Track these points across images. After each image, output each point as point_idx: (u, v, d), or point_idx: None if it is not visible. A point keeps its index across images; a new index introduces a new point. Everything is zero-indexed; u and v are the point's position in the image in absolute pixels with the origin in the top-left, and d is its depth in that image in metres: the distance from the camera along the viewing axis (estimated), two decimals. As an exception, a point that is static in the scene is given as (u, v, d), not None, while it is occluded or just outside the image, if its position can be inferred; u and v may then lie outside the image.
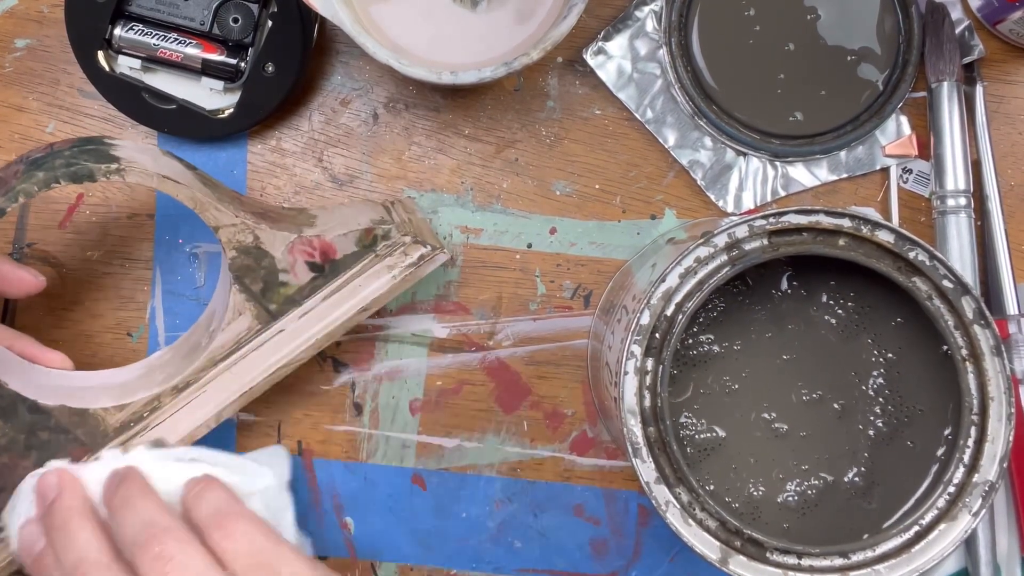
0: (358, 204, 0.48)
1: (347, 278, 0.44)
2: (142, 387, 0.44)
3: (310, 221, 0.45)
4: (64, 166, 0.39)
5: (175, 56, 0.47)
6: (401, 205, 0.48)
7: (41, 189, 0.39)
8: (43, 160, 0.40)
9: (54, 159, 0.40)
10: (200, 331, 0.46)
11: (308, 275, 0.44)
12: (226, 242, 0.42)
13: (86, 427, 0.43)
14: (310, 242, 0.43)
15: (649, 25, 0.50)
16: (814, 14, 0.49)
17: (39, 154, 0.41)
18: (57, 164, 0.39)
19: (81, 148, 0.40)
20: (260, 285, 0.43)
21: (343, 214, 0.46)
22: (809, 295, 0.43)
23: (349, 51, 0.51)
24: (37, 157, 0.40)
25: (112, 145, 0.41)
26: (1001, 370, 0.38)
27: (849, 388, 0.42)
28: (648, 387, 0.38)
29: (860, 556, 0.37)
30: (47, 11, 0.50)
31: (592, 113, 0.50)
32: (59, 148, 0.41)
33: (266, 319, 0.43)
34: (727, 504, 0.41)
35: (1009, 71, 0.50)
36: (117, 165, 0.40)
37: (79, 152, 0.40)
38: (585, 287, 0.50)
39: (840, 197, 0.50)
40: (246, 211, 0.43)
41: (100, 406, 0.43)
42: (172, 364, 0.45)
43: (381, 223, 0.44)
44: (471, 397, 0.50)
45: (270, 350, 0.44)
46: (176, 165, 0.42)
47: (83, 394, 0.44)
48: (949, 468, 0.38)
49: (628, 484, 0.50)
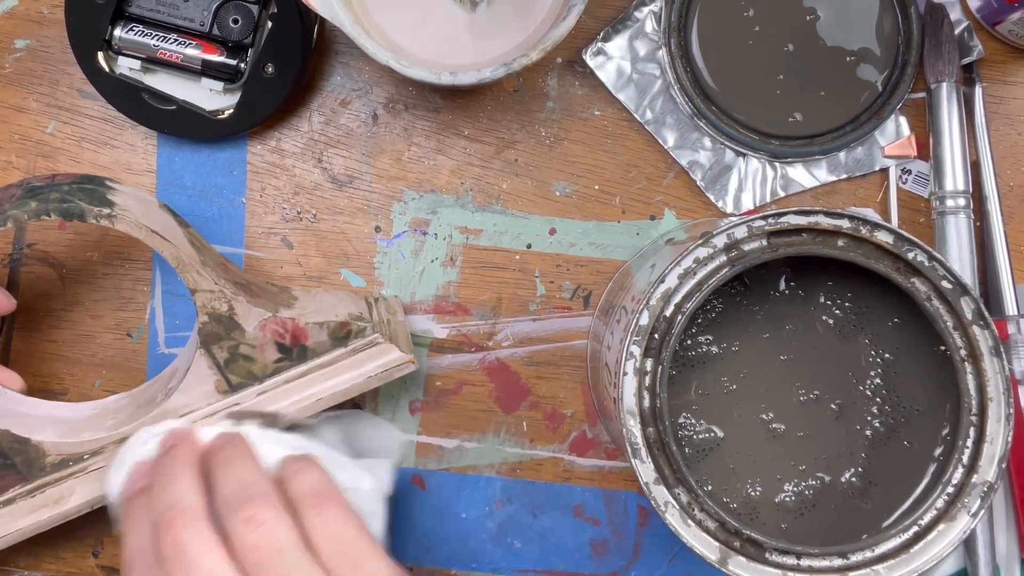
0: (342, 293, 0.47)
1: (312, 367, 0.44)
2: (89, 428, 0.44)
3: (289, 302, 0.45)
4: (58, 200, 0.40)
5: (175, 57, 0.47)
6: (385, 304, 0.48)
7: (30, 219, 0.39)
8: (40, 190, 0.40)
9: (51, 191, 0.40)
10: (160, 385, 0.45)
11: (275, 355, 0.43)
12: (200, 306, 0.42)
13: (25, 456, 0.42)
14: (284, 323, 0.43)
15: (648, 26, 0.50)
16: (813, 15, 0.49)
17: (40, 183, 0.41)
18: (52, 197, 0.40)
19: (80, 186, 0.41)
20: (226, 355, 0.43)
21: (323, 301, 0.46)
22: (807, 296, 0.43)
23: (349, 52, 0.51)
24: (36, 186, 0.40)
25: (111, 189, 0.41)
26: (1000, 371, 0.38)
27: (847, 388, 0.42)
28: (647, 388, 0.38)
29: (859, 556, 0.37)
30: (47, 12, 0.50)
31: (591, 114, 0.51)
32: (60, 181, 0.41)
33: (225, 389, 0.43)
34: (725, 504, 0.41)
35: (1008, 72, 0.50)
36: (109, 211, 0.40)
37: (77, 189, 0.40)
38: (584, 288, 0.50)
39: (839, 198, 0.51)
40: (228, 280, 0.42)
41: (44, 438, 0.43)
42: (125, 412, 0.45)
43: (359, 319, 0.44)
44: (471, 397, 0.50)
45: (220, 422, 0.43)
46: (169, 220, 0.42)
47: (30, 422, 0.43)
48: (948, 468, 0.38)
49: (627, 485, 0.50)
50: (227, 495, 0.36)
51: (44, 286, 0.50)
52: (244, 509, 0.34)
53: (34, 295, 0.50)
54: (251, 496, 0.35)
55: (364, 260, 0.50)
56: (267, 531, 0.34)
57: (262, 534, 0.34)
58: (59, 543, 0.51)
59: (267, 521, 0.34)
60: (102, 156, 0.51)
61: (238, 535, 0.34)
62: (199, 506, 0.35)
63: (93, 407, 0.46)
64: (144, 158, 0.51)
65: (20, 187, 0.41)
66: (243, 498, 0.35)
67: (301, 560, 0.34)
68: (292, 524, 0.35)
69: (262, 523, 0.34)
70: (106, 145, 0.51)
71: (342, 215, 0.50)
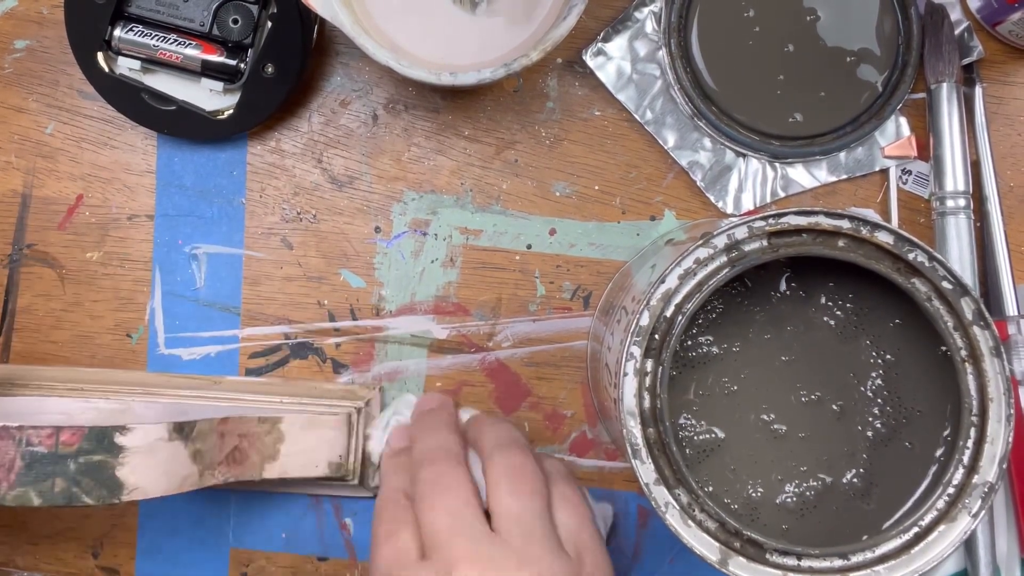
0: (328, 426, 0.47)
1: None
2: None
3: (275, 450, 0.45)
4: (64, 489, 0.38)
5: (175, 57, 0.47)
6: (367, 412, 0.48)
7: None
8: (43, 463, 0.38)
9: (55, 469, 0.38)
10: None
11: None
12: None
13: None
14: (268, 481, 0.45)
15: (648, 26, 0.50)
16: (813, 15, 0.49)
17: (41, 449, 0.38)
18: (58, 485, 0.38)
19: (88, 459, 0.38)
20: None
21: (307, 441, 0.46)
22: (808, 296, 0.43)
23: (349, 52, 0.51)
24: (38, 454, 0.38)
25: (120, 462, 0.39)
26: (1000, 371, 0.37)
27: (848, 389, 0.42)
28: (647, 388, 0.38)
29: (860, 557, 0.37)
30: (47, 12, 0.50)
31: (591, 114, 0.51)
32: (65, 449, 0.38)
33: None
34: (726, 505, 0.41)
35: (1008, 72, 0.50)
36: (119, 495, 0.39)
37: (85, 468, 0.38)
38: (584, 288, 0.50)
39: (839, 198, 0.50)
40: (222, 465, 0.42)
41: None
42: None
43: (339, 467, 0.46)
44: (471, 398, 0.50)
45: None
46: (177, 454, 0.41)
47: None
48: (948, 469, 0.38)
49: (627, 485, 0.50)
50: (491, 450, 0.39)
51: (43, 287, 0.50)
52: (509, 470, 0.38)
53: (33, 296, 0.50)
54: (515, 464, 0.38)
55: (364, 261, 0.50)
56: (526, 501, 0.37)
57: (518, 499, 0.37)
58: (58, 544, 0.51)
59: (527, 493, 0.37)
60: (102, 156, 0.51)
61: (497, 487, 0.38)
62: (461, 453, 0.39)
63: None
64: (144, 158, 0.51)
65: (15, 448, 0.38)
66: (507, 463, 0.38)
67: (547, 529, 0.37)
68: (547, 502, 0.38)
69: (523, 494, 0.37)
70: (106, 145, 0.51)
71: (342, 215, 0.50)
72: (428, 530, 0.37)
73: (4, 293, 0.50)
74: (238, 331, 0.50)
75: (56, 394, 0.48)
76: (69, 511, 0.50)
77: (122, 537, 0.51)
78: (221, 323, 0.50)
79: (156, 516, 0.50)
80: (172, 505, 0.50)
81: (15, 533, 0.51)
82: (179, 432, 0.40)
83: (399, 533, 0.37)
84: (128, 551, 0.51)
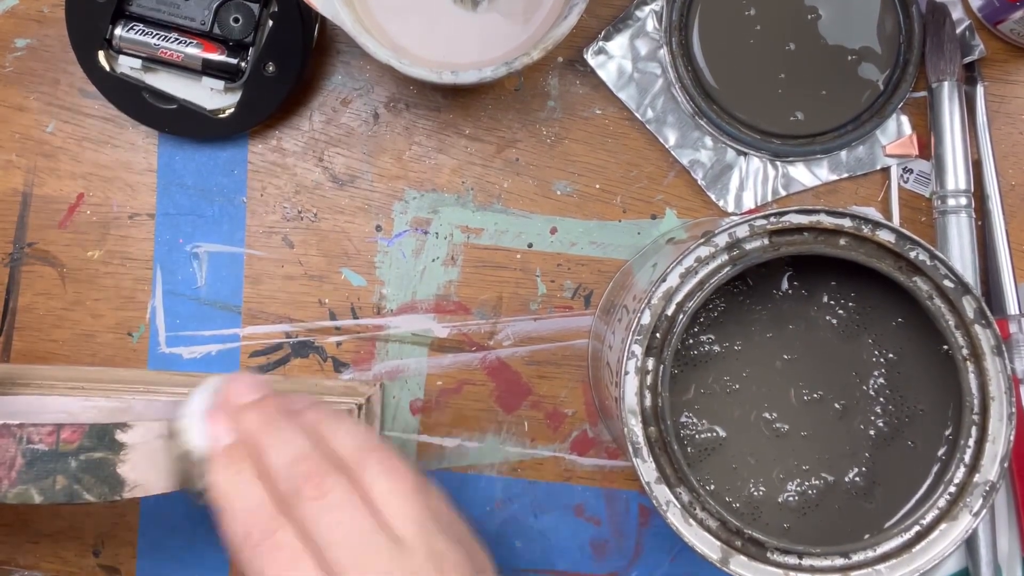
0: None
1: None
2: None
3: None
4: (66, 486, 0.38)
5: (176, 56, 0.47)
6: (368, 408, 0.48)
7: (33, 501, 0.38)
8: (44, 460, 0.38)
9: (56, 466, 0.38)
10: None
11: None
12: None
13: None
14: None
15: (650, 25, 0.50)
16: (815, 14, 0.49)
17: (41, 447, 0.38)
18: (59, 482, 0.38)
19: (89, 456, 0.38)
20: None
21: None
22: (810, 295, 0.42)
23: (350, 51, 0.51)
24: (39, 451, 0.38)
25: (121, 458, 0.38)
26: (1002, 370, 0.37)
27: (850, 388, 0.42)
28: (649, 387, 0.38)
29: (861, 556, 0.37)
30: (48, 11, 0.50)
31: (593, 113, 0.50)
32: (65, 447, 0.38)
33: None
34: (727, 504, 0.41)
35: (1010, 71, 0.50)
36: (120, 493, 0.38)
37: (85, 465, 0.38)
38: (586, 287, 0.50)
39: (841, 197, 0.50)
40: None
41: None
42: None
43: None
44: (472, 397, 0.50)
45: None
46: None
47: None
48: (950, 468, 0.38)
49: (629, 484, 0.50)
50: (359, 456, 0.36)
51: (44, 286, 0.50)
52: (389, 474, 0.35)
53: (34, 295, 0.50)
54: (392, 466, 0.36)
55: (365, 259, 0.50)
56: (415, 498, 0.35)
57: (408, 500, 0.35)
58: (59, 543, 0.51)
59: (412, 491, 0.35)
60: (103, 155, 0.51)
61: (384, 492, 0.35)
62: (328, 457, 0.35)
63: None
64: (145, 157, 0.51)
65: (16, 445, 0.38)
66: (384, 467, 0.35)
67: (436, 521, 0.35)
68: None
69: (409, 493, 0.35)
70: (107, 144, 0.51)
71: (343, 214, 0.50)
72: (335, 557, 0.33)
73: (5, 292, 0.50)
74: (239, 330, 0.50)
75: (57, 393, 0.48)
76: (70, 510, 0.50)
77: (123, 536, 0.51)
78: (222, 322, 0.50)
79: (157, 515, 0.50)
80: (173, 504, 0.50)
81: (16, 532, 0.51)
82: None
83: (297, 570, 0.33)
84: (129, 550, 0.51)
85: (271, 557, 0.33)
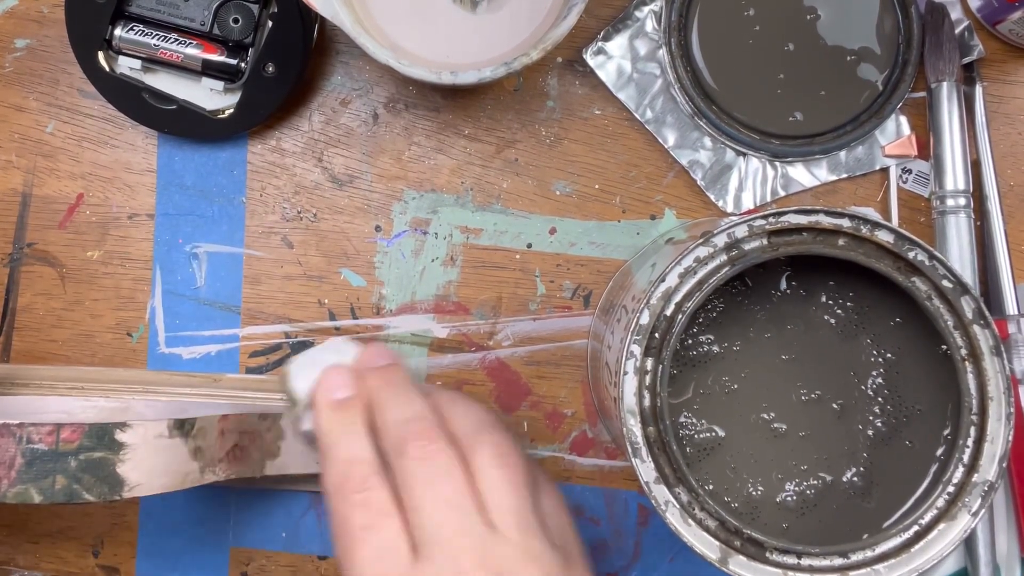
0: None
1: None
2: None
3: (275, 447, 0.45)
4: (65, 486, 0.38)
5: (175, 56, 0.47)
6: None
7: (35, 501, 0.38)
8: (45, 460, 0.38)
9: (56, 466, 0.38)
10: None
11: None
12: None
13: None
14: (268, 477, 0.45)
15: (649, 25, 0.50)
16: (814, 14, 0.49)
17: (42, 447, 0.38)
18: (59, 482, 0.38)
19: (89, 456, 0.38)
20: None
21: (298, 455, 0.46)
22: (808, 295, 0.43)
23: (349, 51, 0.51)
24: (44, 452, 0.38)
25: (121, 457, 0.39)
26: (1000, 370, 0.37)
27: (848, 388, 0.42)
28: (648, 387, 0.38)
29: (859, 556, 0.37)
30: (47, 11, 0.50)
31: (592, 113, 0.51)
32: (65, 447, 0.38)
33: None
34: (726, 504, 0.41)
35: (1009, 71, 0.50)
36: (120, 493, 0.39)
37: (85, 464, 0.38)
38: (585, 287, 0.50)
39: (840, 197, 0.50)
40: (224, 463, 0.42)
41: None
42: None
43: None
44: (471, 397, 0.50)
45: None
46: (179, 450, 0.41)
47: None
48: (948, 468, 0.38)
49: (628, 484, 0.50)
50: (472, 433, 0.35)
51: (44, 286, 0.50)
52: (498, 460, 0.34)
53: (34, 295, 0.50)
54: (504, 452, 0.35)
55: (364, 260, 0.50)
56: (521, 491, 0.34)
57: (513, 491, 0.34)
58: (60, 542, 0.51)
59: (520, 484, 0.34)
60: (102, 155, 0.51)
61: (489, 477, 0.34)
62: (439, 429, 0.35)
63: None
64: (144, 157, 0.51)
65: (16, 445, 0.38)
66: (495, 452, 0.35)
67: (541, 522, 0.34)
68: (534, 491, 0.35)
69: (516, 485, 0.34)
70: (106, 144, 0.51)
71: (342, 214, 0.50)
72: (421, 523, 0.32)
73: (5, 292, 0.50)
74: (238, 330, 0.50)
75: (57, 393, 0.49)
76: (70, 510, 0.50)
77: (122, 536, 0.51)
78: (221, 322, 0.50)
79: (156, 515, 0.50)
80: (172, 504, 0.50)
81: (16, 532, 0.51)
82: (179, 429, 0.40)
83: (382, 526, 0.32)
84: (128, 550, 0.51)
85: (360, 510, 0.33)
